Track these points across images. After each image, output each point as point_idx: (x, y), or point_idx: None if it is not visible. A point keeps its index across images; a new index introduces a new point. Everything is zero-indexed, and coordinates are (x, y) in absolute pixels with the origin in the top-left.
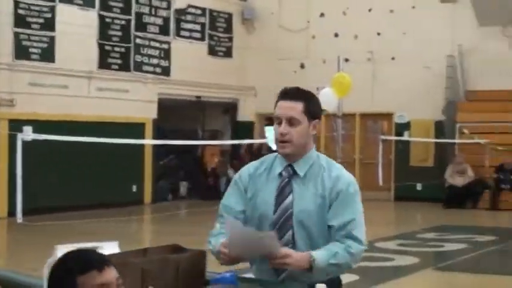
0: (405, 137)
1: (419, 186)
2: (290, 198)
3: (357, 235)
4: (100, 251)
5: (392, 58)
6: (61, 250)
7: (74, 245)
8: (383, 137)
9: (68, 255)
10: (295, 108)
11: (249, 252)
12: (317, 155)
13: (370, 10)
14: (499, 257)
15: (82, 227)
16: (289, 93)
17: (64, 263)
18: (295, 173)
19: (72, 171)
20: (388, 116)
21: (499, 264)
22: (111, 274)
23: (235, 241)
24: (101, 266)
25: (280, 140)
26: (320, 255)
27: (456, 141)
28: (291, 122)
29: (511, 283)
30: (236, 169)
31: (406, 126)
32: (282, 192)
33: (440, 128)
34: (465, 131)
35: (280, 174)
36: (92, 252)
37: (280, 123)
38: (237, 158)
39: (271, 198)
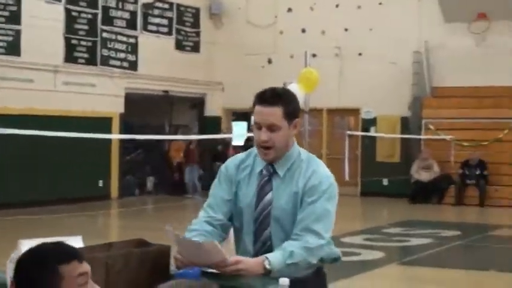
0: (372, 132)
1: (385, 182)
2: (269, 196)
3: (315, 229)
4: None
5: (360, 54)
6: (25, 244)
7: (38, 239)
8: (350, 132)
9: (43, 247)
10: (275, 114)
11: (199, 260)
12: (298, 152)
13: (337, 6)
14: (463, 251)
15: (47, 222)
16: (267, 98)
17: (42, 254)
18: (275, 171)
19: (38, 166)
20: (355, 111)
21: (463, 259)
22: (87, 265)
23: (183, 248)
24: (81, 256)
25: (262, 146)
26: (275, 257)
27: (422, 137)
28: (272, 128)
29: (475, 277)
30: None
31: (372, 122)
32: (262, 190)
33: (406, 124)
34: (431, 127)
35: (261, 172)
36: (67, 244)
37: (259, 128)
38: (188, 154)
39: (252, 195)
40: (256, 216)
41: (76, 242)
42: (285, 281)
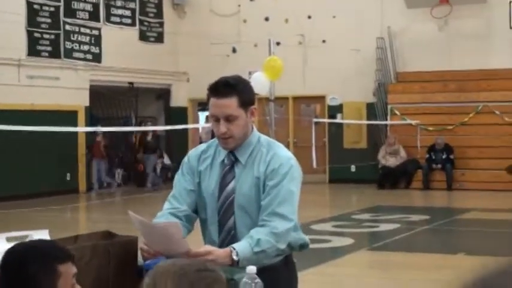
0: (338, 119)
1: (353, 168)
2: (232, 184)
3: (281, 212)
4: (30, 239)
5: (323, 41)
6: None
7: (5, 234)
8: (316, 119)
9: (42, 245)
10: (230, 105)
11: (164, 246)
12: (258, 138)
13: None
14: (431, 235)
15: (13, 216)
16: (221, 90)
17: (42, 252)
18: (237, 159)
19: (4, 160)
20: (321, 98)
21: (432, 243)
22: (75, 268)
23: (147, 235)
24: (73, 258)
25: (222, 138)
26: (242, 246)
27: (388, 122)
28: (229, 119)
29: (444, 261)
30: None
31: (338, 108)
32: (224, 179)
33: (372, 110)
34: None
35: (223, 161)
36: (62, 244)
37: (217, 121)
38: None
39: (214, 185)
40: (219, 205)
41: (43, 235)
42: (252, 269)
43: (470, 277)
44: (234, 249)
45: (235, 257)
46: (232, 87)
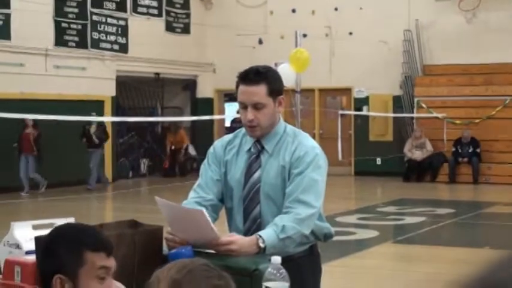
0: (364, 111)
1: (378, 161)
2: (258, 173)
3: (304, 199)
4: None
5: (350, 33)
6: (18, 227)
7: (31, 222)
8: (342, 112)
9: (78, 228)
10: (259, 92)
11: (192, 232)
12: (284, 127)
13: None
14: (457, 229)
15: (41, 205)
16: (250, 77)
17: (74, 234)
18: (263, 148)
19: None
20: (347, 91)
21: (457, 236)
22: (113, 261)
23: (175, 221)
24: (110, 250)
25: (249, 125)
26: (267, 233)
27: (414, 115)
28: (257, 106)
29: (469, 255)
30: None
31: (365, 101)
32: (250, 168)
33: (398, 103)
34: (423, 105)
35: (249, 149)
36: (103, 234)
37: (245, 108)
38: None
39: (240, 174)
40: (245, 194)
41: None
42: (276, 259)
43: (471, 273)
44: (260, 236)
45: (261, 244)
46: (262, 75)
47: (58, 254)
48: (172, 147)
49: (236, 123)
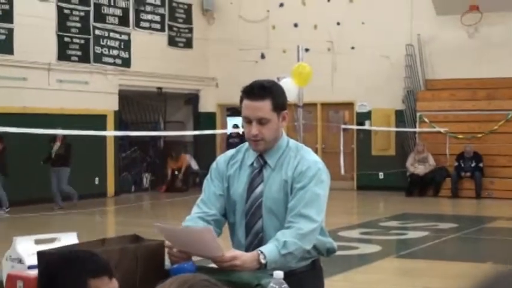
0: (366, 126)
1: (381, 175)
2: (260, 187)
3: (306, 213)
4: (58, 242)
5: (352, 48)
6: (20, 242)
7: (33, 236)
8: (344, 126)
9: (79, 256)
10: (263, 108)
11: (197, 250)
12: (287, 141)
13: (329, 0)
14: (459, 243)
15: (43, 219)
16: (255, 92)
17: (77, 265)
18: (266, 162)
19: (33, 164)
20: (349, 105)
21: (460, 251)
22: (116, 283)
23: (179, 242)
24: (111, 272)
25: (253, 140)
26: (269, 249)
27: (417, 129)
28: (261, 121)
29: (472, 270)
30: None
31: (367, 115)
32: (253, 182)
33: (401, 117)
34: (425, 119)
35: (252, 164)
36: (101, 258)
37: (249, 122)
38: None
39: (243, 188)
40: (247, 208)
41: (71, 238)
42: (279, 274)
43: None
44: (262, 252)
45: (263, 260)
46: (266, 90)
47: (62, 285)
48: (176, 173)
49: (233, 139)
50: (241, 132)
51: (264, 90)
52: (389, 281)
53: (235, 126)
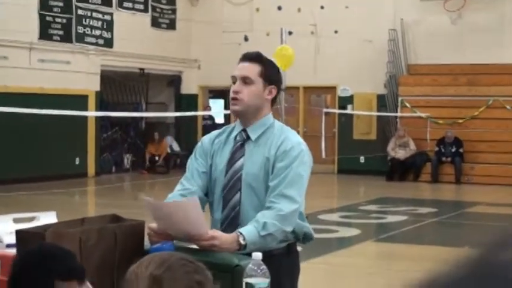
0: (348, 110)
1: (362, 159)
2: (241, 161)
3: (289, 194)
4: (37, 221)
5: (336, 32)
6: None
7: (10, 215)
8: (326, 110)
9: (48, 253)
10: (252, 69)
11: (180, 226)
12: (273, 121)
13: None
14: (438, 228)
15: (22, 199)
16: (248, 56)
17: (43, 261)
18: (248, 137)
19: (14, 144)
20: (332, 89)
21: (439, 236)
22: (88, 285)
23: (162, 218)
24: (83, 276)
25: (232, 98)
26: (248, 230)
27: (398, 114)
28: (245, 81)
29: (448, 253)
30: None
31: (349, 99)
32: (234, 156)
33: (382, 102)
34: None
35: (235, 138)
36: (74, 260)
37: (234, 82)
38: None
39: (224, 162)
40: (226, 181)
41: (50, 217)
42: (257, 255)
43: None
44: (241, 233)
45: (242, 241)
46: (260, 57)
47: (28, 285)
48: (156, 158)
49: (205, 121)
50: (212, 115)
51: (257, 56)
52: (368, 264)
53: (208, 108)
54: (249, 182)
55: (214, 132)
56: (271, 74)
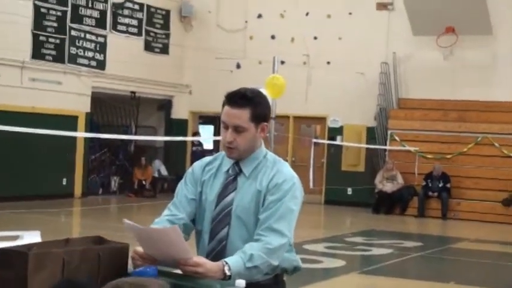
0: (338, 141)
1: (349, 191)
2: (232, 195)
3: (278, 228)
4: (21, 240)
5: (328, 62)
6: None
7: None
8: (316, 140)
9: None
10: (242, 116)
11: (163, 252)
12: (265, 153)
13: (307, 14)
14: (423, 262)
15: (7, 217)
16: (236, 100)
17: None
18: (241, 171)
19: (1, 161)
20: (322, 119)
21: (424, 270)
22: None
23: (145, 241)
24: None
25: (227, 147)
26: (234, 261)
27: (387, 147)
28: (237, 129)
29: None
30: None
31: (339, 130)
32: (225, 190)
33: (372, 134)
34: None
35: (227, 171)
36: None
37: (226, 128)
38: None
39: (214, 194)
40: (215, 214)
41: (34, 237)
42: (241, 282)
43: None
44: (227, 263)
45: (227, 272)
46: (247, 99)
47: None
48: (144, 183)
49: (196, 147)
50: (201, 141)
51: (245, 99)
52: None
53: (196, 134)
54: (238, 215)
55: (206, 159)
56: (260, 112)
